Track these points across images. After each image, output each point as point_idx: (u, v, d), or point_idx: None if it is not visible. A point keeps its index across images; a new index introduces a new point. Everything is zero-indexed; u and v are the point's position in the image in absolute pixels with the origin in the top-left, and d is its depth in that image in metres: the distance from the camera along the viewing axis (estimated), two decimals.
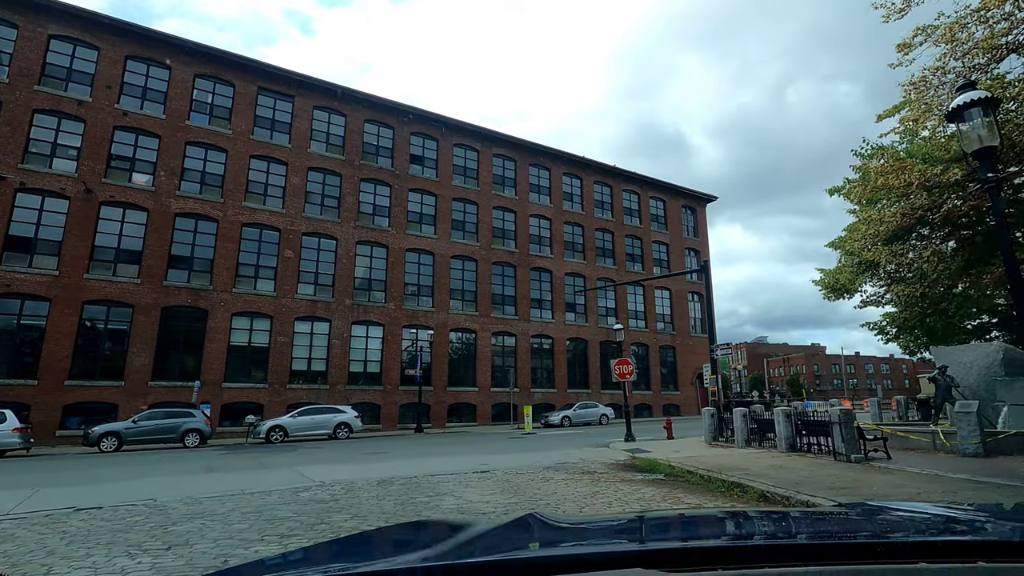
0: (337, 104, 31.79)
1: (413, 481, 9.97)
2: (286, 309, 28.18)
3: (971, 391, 14.94)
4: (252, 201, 28.45)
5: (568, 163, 40.33)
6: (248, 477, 11.39)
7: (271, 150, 29.40)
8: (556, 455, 14.58)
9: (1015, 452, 10.74)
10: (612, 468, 11.92)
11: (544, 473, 10.92)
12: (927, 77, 7.76)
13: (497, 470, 11.50)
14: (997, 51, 7.07)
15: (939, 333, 16.98)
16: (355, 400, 28.84)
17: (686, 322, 43.71)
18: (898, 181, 7.86)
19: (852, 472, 9.06)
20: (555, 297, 37.49)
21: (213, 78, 28.64)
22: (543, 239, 38.12)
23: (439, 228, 33.77)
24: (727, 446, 15.14)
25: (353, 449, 18.05)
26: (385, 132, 33.46)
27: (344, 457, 15.18)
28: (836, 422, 10.61)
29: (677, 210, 45.77)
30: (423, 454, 15.75)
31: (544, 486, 9.22)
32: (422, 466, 12.47)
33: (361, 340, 30.20)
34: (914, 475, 8.52)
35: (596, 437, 21.28)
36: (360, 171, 31.79)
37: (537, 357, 36.10)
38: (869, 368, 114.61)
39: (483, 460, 13.59)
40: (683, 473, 10.55)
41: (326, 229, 30.10)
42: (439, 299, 32.82)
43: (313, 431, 23.52)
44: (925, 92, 7.77)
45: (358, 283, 30.76)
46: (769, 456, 11.97)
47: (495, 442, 20.18)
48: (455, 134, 35.66)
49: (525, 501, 7.99)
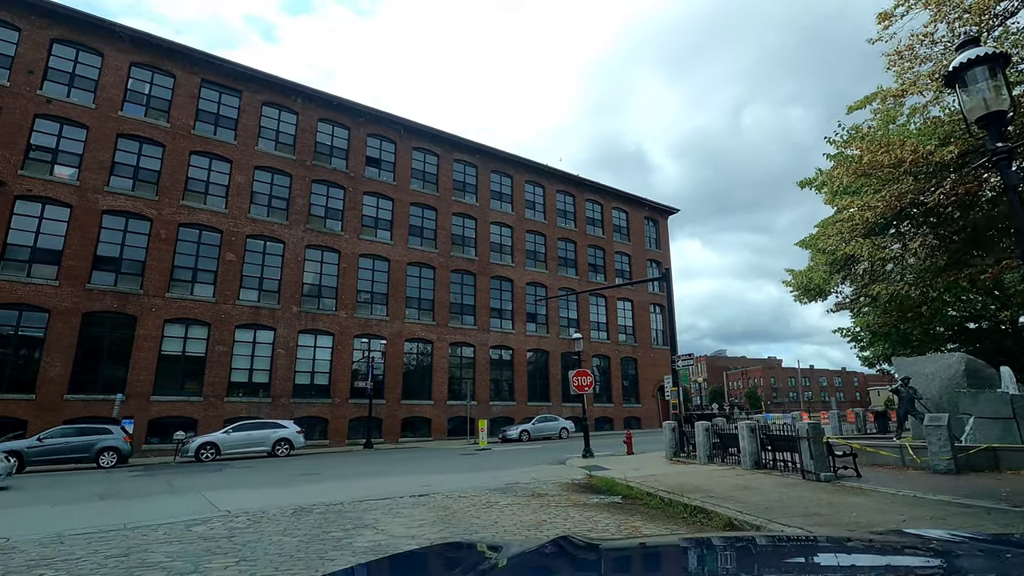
0: (288, 101, 30.20)
1: (335, 509, 8.64)
2: (226, 316, 26.21)
3: (933, 403, 14.55)
4: (191, 200, 26.49)
5: (531, 171, 39.61)
6: (144, 506, 9.81)
7: (214, 146, 27.54)
8: (507, 474, 13.41)
9: (985, 468, 10.20)
10: (566, 489, 10.85)
11: (489, 497, 9.75)
12: (913, 45, 7.10)
13: (438, 493, 10.27)
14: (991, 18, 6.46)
15: (914, 341, 16.69)
16: (300, 414, 26.98)
17: (648, 334, 43.34)
18: (888, 158, 7.12)
19: (824, 494, 8.24)
20: (516, 307, 36.46)
21: (151, 67, 26.68)
22: (504, 247, 37.13)
23: (395, 233, 32.37)
24: (688, 462, 14.30)
25: (288, 469, 16.45)
26: (340, 132, 31.98)
27: (272, 479, 13.62)
28: (805, 437, 9.84)
29: (639, 221, 45.60)
30: (362, 474, 14.33)
31: (485, 514, 8.06)
32: (355, 489, 11.12)
33: (308, 350, 28.40)
34: (891, 497, 7.74)
35: (554, 452, 20.21)
36: (312, 172, 30.18)
37: (496, 369, 34.90)
38: (823, 381, 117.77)
39: (426, 481, 12.31)
40: (642, 495, 9.56)
41: (273, 231, 28.33)
42: (394, 307, 31.33)
43: (249, 448, 21.65)
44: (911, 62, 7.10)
45: (307, 289, 29.01)
46: (733, 474, 11.12)
47: (446, 459, 18.86)
48: (414, 137, 34.46)
49: (459, 534, 6.81)
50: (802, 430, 9.97)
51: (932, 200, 6.83)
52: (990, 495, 7.47)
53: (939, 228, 8.29)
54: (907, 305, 10.64)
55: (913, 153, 6.79)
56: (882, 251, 8.16)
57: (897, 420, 14.79)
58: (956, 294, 11.11)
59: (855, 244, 8.58)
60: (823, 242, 10.09)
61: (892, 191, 7.34)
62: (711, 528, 6.96)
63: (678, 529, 7.18)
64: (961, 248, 8.42)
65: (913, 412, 14.29)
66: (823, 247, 10.45)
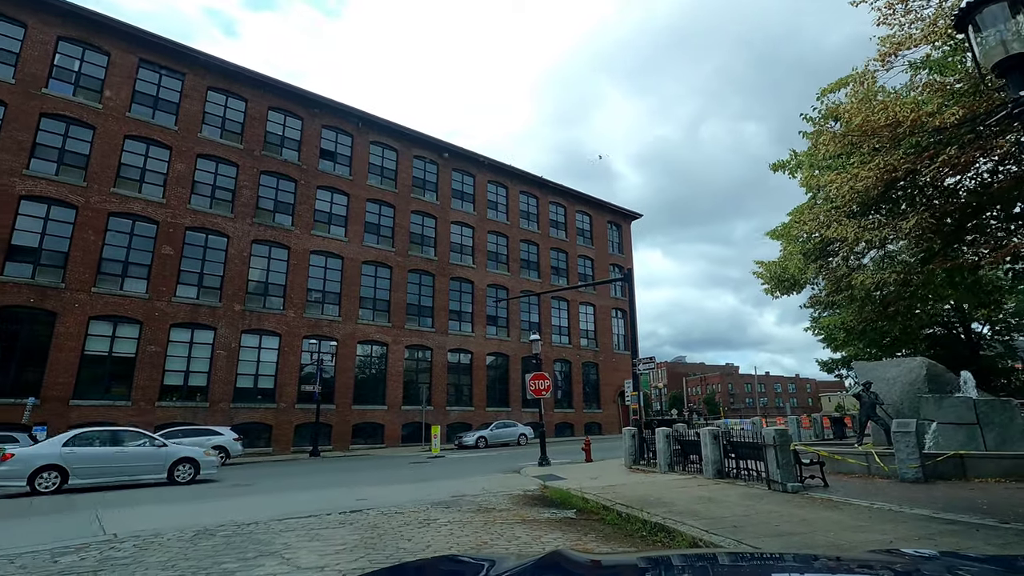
0: (236, 87, 28.43)
1: (245, 531, 7.44)
2: (161, 314, 24.24)
3: (894, 408, 14.26)
4: (124, 187, 24.45)
5: (493, 171, 38.72)
6: (21, 527, 8.35)
7: (152, 131, 25.56)
8: (455, 485, 12.37)
9: (952, 476, 9.76)
10: (516, 502, 9.89)
11: (429, 512, 8.70)
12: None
13: (372, 509, 9.15)
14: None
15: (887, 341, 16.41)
16: (242, 420, 25.20)
17: (609, 339, 42.96)
18: (885, 117, 6.44)
19: (795, 508, 7.53)
20: (476, 309, 35.41)
21: (82, 43, 24.58)
22: (465, 248, 36.06)
23: (350, 230, 30.89)
24: (649, 471, 13.56)
25: (217, 480, 14.93)
26: (293, 123, 30.35)
27: (187, 493, 12.17)
28: (771, 445, 9.17)
29: (603, 225, 45.31)
30: (296, 486, 13.02)
31: (419, 534, 7.02)
32: (279, 504, 9.88)
33: (252, 351, 26.62)
34: (867, 511, 7.08)
35: (509, 460, 19.24)
36: (260, 162, 28.46)
37: (455, 373, 33.73)
38: (777, 387, 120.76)
39: (364, 494, 11.15)
40: (598, 509, 8.70)
41: (216, 224, 26.48)
42: (347, 308, 29.82)
43: None
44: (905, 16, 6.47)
45: (252, 287, 27.23)
46: (696, 484, 10.39)
47: (393, 468, 17.65)
48: (372, 131, 33.09)
49: (381, 561, 5.76)
50: (768, 437, 9.31)
51: (931, 171, 6.21)
52: (970, 508, 6.90)
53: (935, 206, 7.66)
54: (888, 298, 10.09)
55: (914, 111, 6.15)
56: (869, 233, 7.50)
57: (859, 426, 14.44)
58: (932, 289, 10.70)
59: (837, 227, 7.87)
60: (798, 229, 9.40)
61: (886, 159, 6.68)
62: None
63: (636, 549, 6.33)
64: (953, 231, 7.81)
65: (875, 418, 13.95)
66: (798, 234, 9.76)
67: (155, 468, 13.82)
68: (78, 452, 12.96)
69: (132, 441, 14.02)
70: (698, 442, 12.16)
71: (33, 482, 12.32)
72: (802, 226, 8.80)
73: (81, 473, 12.83)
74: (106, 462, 13.23)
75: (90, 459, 13.07)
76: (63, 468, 12.66)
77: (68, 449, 12.89)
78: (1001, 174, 7.12)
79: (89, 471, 12.94)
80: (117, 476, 13.31)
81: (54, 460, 12.67)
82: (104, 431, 14.37)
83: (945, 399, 11.61)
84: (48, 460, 12.63)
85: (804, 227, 8.68)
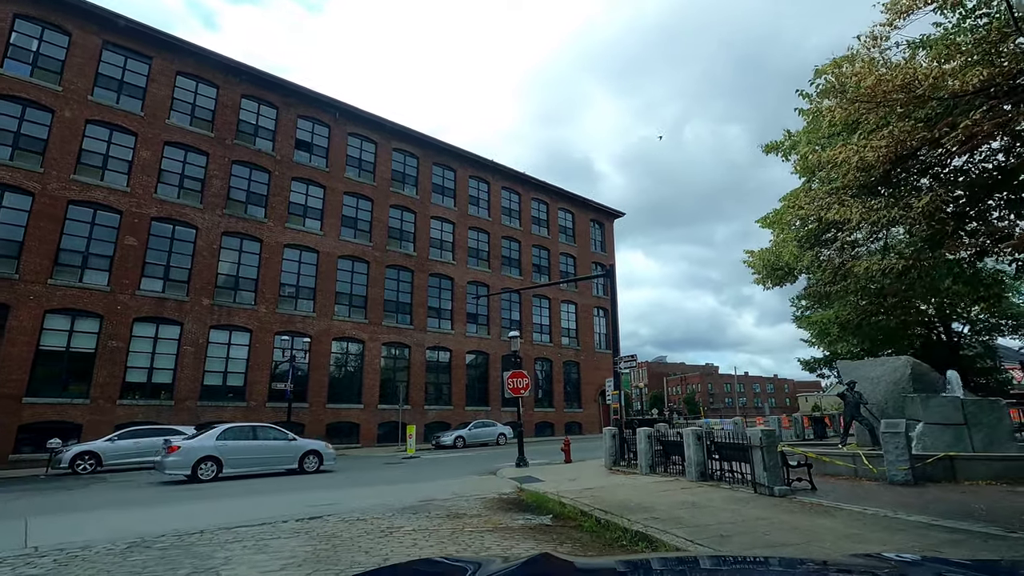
0: (207, 73, 27.32)
1: (185, 542, 6.72)
2: (123, 307, 23.12)
3: (878, 408, 14.00)
4: (85, 174, 23.26)
5: (475, 165, 38.04)
6: None
7: (116, 116, 24.38)
8: (427, 488, 11.74)
9: (942, 478, 9.43)
10: (490, 507, 9.31)
11: (393, 520, 8.06)
12: None
13: (333, 515, 8.49)
14: None
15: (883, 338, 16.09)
16: (209, 419, 24.04)
17: (591, 337, 42.58)
18: (902, 76, 5.89)
19: (785, 514, 7.06)
20: (456, 306, 34.71)
21: (40, 22, 23.32)
22: (445, 243, 35.32)
23: (326, 223, 29.96)
24: (629, 472, 13.08)
25: (169, 484, 14.07)
26: (267, 111, 29.32)
27: (136, 497, 11.34)
28: (758, 446, 8.72)
29: (585, 223, 44.92)
30: (255, 490, 12.26)
31: (379, 546, 6.38)
32: (233, 510, 9.15)
33: (221, 347, 25.59)
34: (860, 517, 6.63)
35: (486, 461, 18.65)
36: (232, 151, 27.40)
37: (433, 371, 33.00)
38: (756, 387, 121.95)
39: (328, 498, 10.47)
40: (576, 515, 8.16)
41: (184, 215, 25.39)
42: (322, 303, 28.91)
43: (140, 458, 18.81)
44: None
45: (221, 280, 26.19)
46: (678, 487, 9.91)
47: (365, 469, 16.94)
48: (350, 122, 32.18)
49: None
50: (754, 438, 8.85)
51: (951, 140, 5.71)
52: (968, 514, 6.49)
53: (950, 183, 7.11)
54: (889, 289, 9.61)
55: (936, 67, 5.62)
56: (875, 214, 6.96)
57: (843, 426, 14.15)
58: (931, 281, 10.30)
59: (839, 209, 7.26)
60: (792, 214, 8.77)
61: (900, 127, 6.16)
62: None
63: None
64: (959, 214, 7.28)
65: (859, 418, 13.68)
66: (792, 220, 9.17)
67: (288, 459, 15.73)
68: (228, 445, 14.76)
69: (270, 436, 15.92)
70: (681, 443, 11.71)
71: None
72: (796, 211, 8.24)
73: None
74: (250, 453, 15.11)
75: (238, 451, 14.87)
76: (218, 459, 14.44)
77: (221, 442, 14.65)
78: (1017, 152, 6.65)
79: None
80: (260, 466, 15.19)
81: (211, 452, 14.34)
82: (246, 426, 16.17)
83: (932, 399, 11.31)
84: (206, 452, 14.29)
85: (799, 212, 8.11)
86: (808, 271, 10.03)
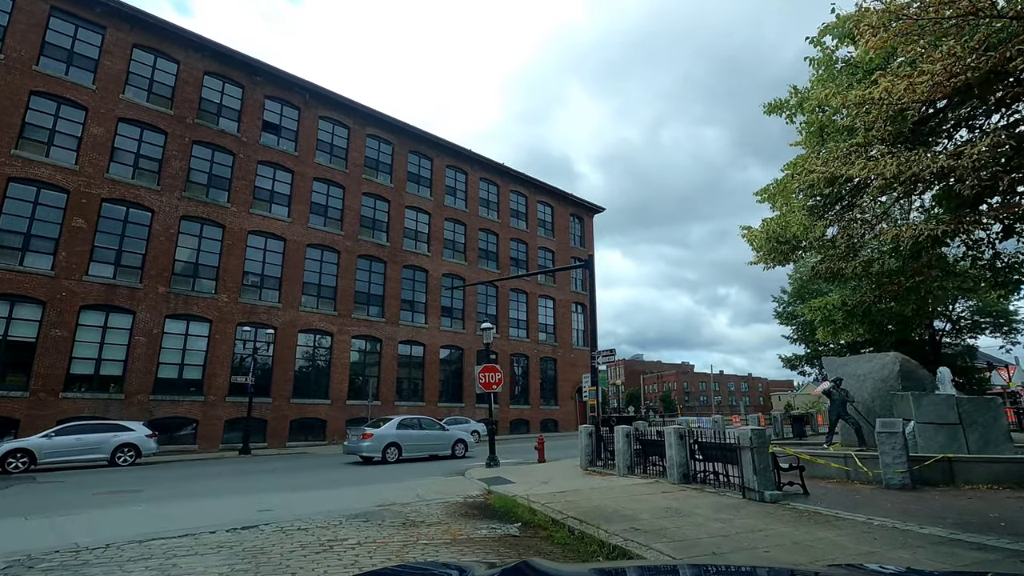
0: (166, 47, 25.68)
1: (81, 559, 5.63)
2: (69, 294, 21.51)
3: (865, 406, 13.45)
4: (28, 150, 21.55)
5: (452, 155, 36.91)
6: None
7: (64, 88, 22.68)
8: (387, 490, 10.74)
9: (940, 482, 8.78)
10: (452, 513, 8.36)
11: (339, 529, 7.06)
12: None
13: (272, 523, 7.45)
14: None
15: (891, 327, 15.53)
16: (164, 414, 22.77)
17: (569, 334, 41.85)
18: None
19: (780, 524, 6.26)
20: (430, 299, 33.59)
21: None
22: (420, 234, 34.14)
23: (294, 210, 28.56)
24: (606, 473, 12.26)
25: (107, 484, 12.80)
26: (232, 90, 27.77)
27: (52, 502, 10.08)
28: (748, 447, 7.93)
29: (565, 218, 44.13)
30: (197, 492, 11.10)
31: (311, 564, 5.38)
32: (157, 518, 8.04)
33: (178, 338, 24.08)
34: (865, 528, 5.86)
35: (455, 460, 17.70)
36: (193, 131, 25.83)
37: (405, 366, 31.86)
38: (731, 386, 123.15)
39: (274, 502, 9.40)
40: (547, 523, 7.26)
41: (138, 197, 23.79)
42: (288, 293, 27.54)
43: (81, 455, 17.35)
44: None
45: (179, 267, 24.65)
46: (659, 491, 9.09)
47: (324, 469, 15.82)
48: (321, 104, 30.77)
49: None
50: (744, 438, 8.06)
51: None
52: (987, 526, 5.77)
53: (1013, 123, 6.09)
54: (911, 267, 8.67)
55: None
56: (917, 165, 5.97)
57: (828, 425, 13.55)
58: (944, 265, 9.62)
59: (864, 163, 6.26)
60: (800, 180, 7.61)
61: (962, 45, 5.20)
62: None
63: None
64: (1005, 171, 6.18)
65: (845, 416, 13.09)
66: (800, 186, 8.13)
67: (443, 446, 18.38)
68: (403, 433, 17.47)
69: (431, 427, 18.61)
70: (661, 442, 10.92)
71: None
72: (805, 176, 7.17)
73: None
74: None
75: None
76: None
77: (399, 431, 17.42)
78: None
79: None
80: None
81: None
82: (413, 418, 18.81)
83: (925, 397, 10.70)
84: (391, 439, 17.05)
85: (808, 177, 7.06)
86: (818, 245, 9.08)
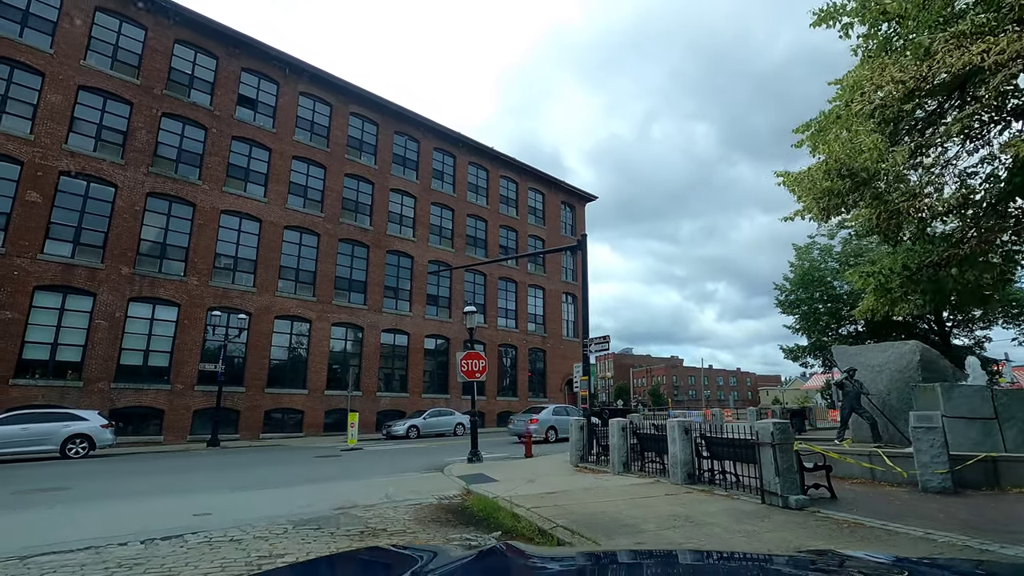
0: (131, 11, 23.96)
1: None
2: (21, 273, 19.93)
3: (880, 399, 12.38)
4: None
5: (440, 137, 35.43)
6: None
7: (18, 51, 20.96)
8: (353, 489, 9.48)
9: (983, 484, 7.70)
10: (421, 519, 7.13)
11: (277, 542, 5.80)
12: None
13: (200, 532, 6.18)
14: None
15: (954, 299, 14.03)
16: (127, 403, 21.33)
17: (559, 325, 40.70)
18: None
19: (818, 538, 5.10)
20: (415, 287, 32.23)
21: None
22: (405, 219, 32.72)
23: (271, 190, 27.02)
24: (599, 471, 11.09)
25: (41, 479, 11.43)
26: (205, 61, 26.10)
27: None
28: (768, 443, 6.76)
29: (556, 206, 42.88)
30: (132, 492, 9.77)
31: None
32: (67, 524, 6.73)
33: (143, 323, 22.57)
34: (927, 545, 4.72)
35: (437, 454, 16.47)
36: (162, 103, 24.19)
37: (388, 356, 30.53)
38: (720, 381, 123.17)
39: (215, 503, 8.12)
40: (532, 532, 6.05)
41: (100, 171, 22.16)
42: (264, 277, 26.05)
43: (26, 447, 15.99)
44: None
45: (145, 247, 23.08)
46: (662, 493, 7.92)
47: (291, 464, 14.51)
48: (301, 80, 29.16)
49: None
50: (764, 433, 6.90)
51: None
52: None
53: None
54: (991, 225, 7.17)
55: None
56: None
57: (840, 420, 12.48)
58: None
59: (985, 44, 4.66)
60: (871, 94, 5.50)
61: None
62: None
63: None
64: None
65: (859, 410, 12.03)
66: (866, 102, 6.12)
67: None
68: (554, 418, 21.78)
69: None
70: (660, 437, 9.76)
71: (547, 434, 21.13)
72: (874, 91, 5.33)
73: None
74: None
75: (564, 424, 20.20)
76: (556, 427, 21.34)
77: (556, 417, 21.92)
78: None
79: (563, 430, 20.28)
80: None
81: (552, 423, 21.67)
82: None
83: (956, 388, 9.62)
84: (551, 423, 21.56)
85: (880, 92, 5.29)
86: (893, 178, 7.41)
